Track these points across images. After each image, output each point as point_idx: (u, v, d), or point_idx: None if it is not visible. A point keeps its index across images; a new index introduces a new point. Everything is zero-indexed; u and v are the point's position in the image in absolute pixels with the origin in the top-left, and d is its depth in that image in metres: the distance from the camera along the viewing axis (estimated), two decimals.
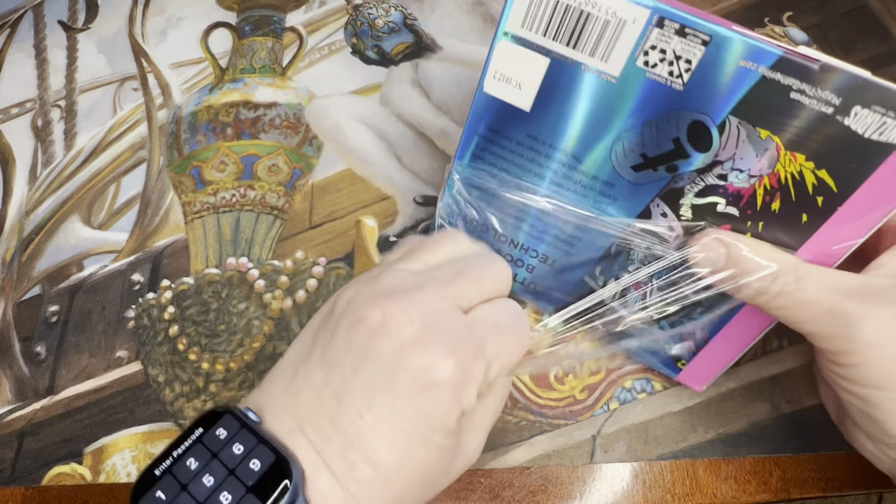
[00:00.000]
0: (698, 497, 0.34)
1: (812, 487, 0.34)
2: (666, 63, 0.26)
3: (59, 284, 0.43)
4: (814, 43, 0.46)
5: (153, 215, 0.44)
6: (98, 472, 0.37)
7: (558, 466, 0.35)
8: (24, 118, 0.49)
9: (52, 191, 0.46)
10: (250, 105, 0.47)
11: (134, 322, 0.41)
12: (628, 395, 0.37)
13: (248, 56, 0.49)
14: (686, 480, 0.35)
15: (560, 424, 0.36)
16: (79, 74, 0.50)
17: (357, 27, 0.49)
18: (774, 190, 0.27)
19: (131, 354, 0.40)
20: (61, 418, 0.39)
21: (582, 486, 0.35)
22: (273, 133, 0.45)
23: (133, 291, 0.42)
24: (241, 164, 0.45)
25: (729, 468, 0.35)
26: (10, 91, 0.50)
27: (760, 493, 0.34)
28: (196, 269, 0.42)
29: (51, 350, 0.41)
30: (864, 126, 0.24)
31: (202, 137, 0.46)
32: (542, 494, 0.35)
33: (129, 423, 0.38)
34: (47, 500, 0.37)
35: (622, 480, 0.35)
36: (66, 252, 0.44)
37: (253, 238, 0.42)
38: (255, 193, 0.44)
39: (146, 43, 0.51)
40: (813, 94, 0.24)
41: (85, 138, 0.48)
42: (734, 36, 0.25)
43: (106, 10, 0.52)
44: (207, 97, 0.47)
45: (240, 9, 0.51)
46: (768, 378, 0.36)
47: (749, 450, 0.35)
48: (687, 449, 0.35)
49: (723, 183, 0.27)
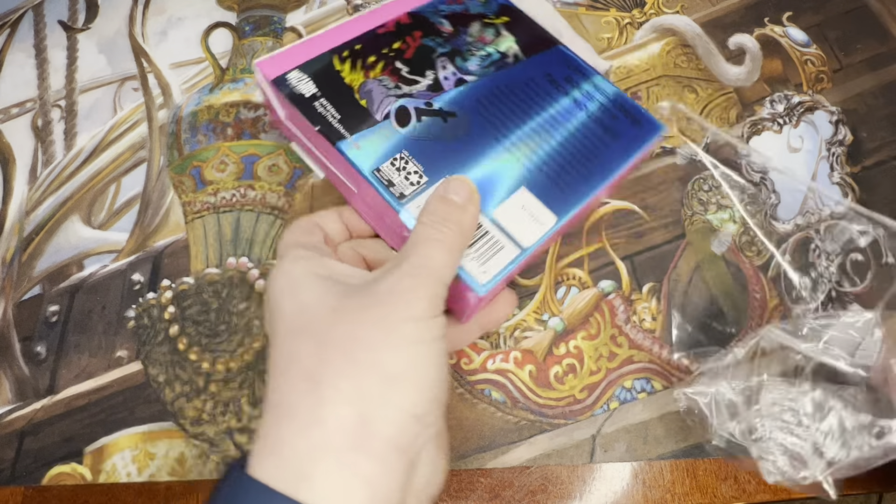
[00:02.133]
0: (698, 497, 0.34)
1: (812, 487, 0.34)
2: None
3: (59, 284, 0.43)
4: (813, 43, 0.46)
5: (153, 215, 0.44)
6: (98, 471, 0.37)
7: (558, 466, 0.35)
8: (24, 118, 0.49)
9: (53, 191, 0.46)
10: (251, 105, 0.47)
11: (134, 322, 0.41)
12: (628, 394, 0.37)
13: (248, 56, 0.49)
14: (686, 480, 0.35)
15: (560, 424, 0.36)
16: (79, 74, 0.50)
17: None
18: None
19: (131, 354, 0.40)
20: (61, 418, 0.39)
21: (582, 485, 0.35)
22: (273, 133, 0.45)
23: (133, 291, 0.42)
24: (242, 164, 0.45)
25: (729, 468, 0.35)
26: (10, 91, 0.50)
27: (760, 493, 0.34)
28: (196, 268, 0.42)
29: (51, 350, 0.41)
30: None
31: (202, 137, 0.46)
32: (542, 494, 0.35)
33: (130, 422, 0.38)
34: (47, 499, 0.37)
35: (622, 480, 0.35)
36: (67, 252, 0.44)
37: (253, 238, 0.42)
38: (255, 193, 0.44)
39: (146, 43, 0.51)
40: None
41: (85, 138, 0.48)
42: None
43: (106, 10, 0.52)
44: (208, 97, 0.47)
45: (240, 9, 0.51)
46: None
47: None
48: (687, 449, 0.35)
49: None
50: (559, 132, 0.34)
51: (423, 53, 0.36)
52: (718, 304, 0.38)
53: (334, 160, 0.33)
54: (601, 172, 0.33)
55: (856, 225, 0.39)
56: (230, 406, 0.38)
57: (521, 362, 0.38)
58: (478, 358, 0.38)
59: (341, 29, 0.36)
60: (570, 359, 0.38)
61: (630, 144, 0.34)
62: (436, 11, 0.38)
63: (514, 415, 0.37)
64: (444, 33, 0.37)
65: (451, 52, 0.36)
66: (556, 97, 0.35)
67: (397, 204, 0.31)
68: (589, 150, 0.34)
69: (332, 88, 0.34)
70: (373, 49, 0.35)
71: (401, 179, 0.31)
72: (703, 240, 0.40)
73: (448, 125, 0.34)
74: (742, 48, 0.46)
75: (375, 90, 0.34)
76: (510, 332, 0.38)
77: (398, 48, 0.36)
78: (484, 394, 0.37)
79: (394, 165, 0.32)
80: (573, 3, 0.49)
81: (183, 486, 0.36)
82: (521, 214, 0.31)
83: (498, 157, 0.33)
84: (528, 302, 0.39)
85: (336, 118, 0.33)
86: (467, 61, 0.36)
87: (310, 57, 0.34)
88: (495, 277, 0.29)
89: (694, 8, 0.48)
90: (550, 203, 0.32)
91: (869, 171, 0.42)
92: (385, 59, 0.35)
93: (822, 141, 0.43)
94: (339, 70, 0.34)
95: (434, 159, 0.32)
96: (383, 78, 0.35)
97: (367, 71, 0.35)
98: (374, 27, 0.36)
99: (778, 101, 0.44)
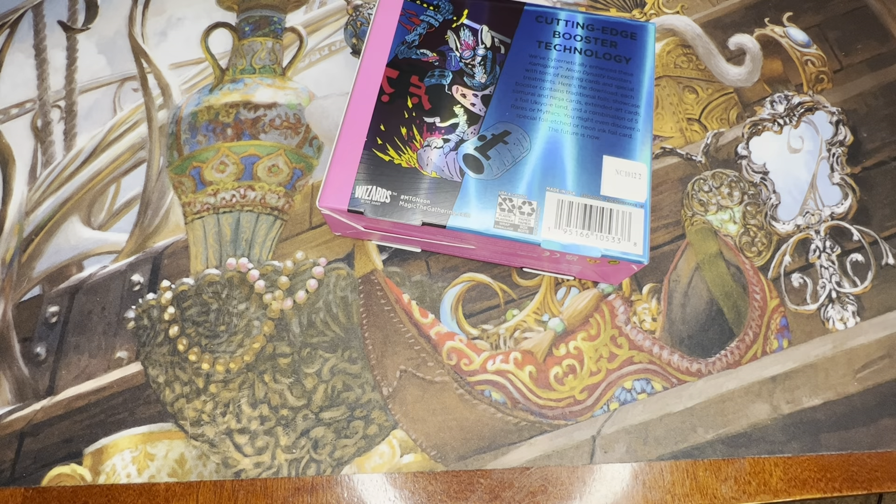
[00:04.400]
0: (698, 497, 0.34)
1: (812, 487, 0.34)
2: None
3: (59, 285, 0.43)
4: (814, 43, 0.46)
5: (153, 216, 0.44)
6: (98, 472, 0.37)
7: (558, 467, 0.35)
8: (24, 118, 0.49)
9: (52, 191, 0.46)
10: (250, 105, 0.47)
11: (134, 323, 0.41)
12: (628, 395, 0.37)
13: (248, 56, 0.49)
14: (686, 481, 0.35)
15: (560, 425, 0.36)
16: (79, 75, 0.50)
17: (357, 27, 0.49)
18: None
19: (131, 355, 0.40)
20: (61, 419, 0.39)
21: (582, 486, 0.35)
22: (273, 133, 0.45)
23: (133, 292, 0.42)
24: (242, 165, 0.45)
25: (729, 469, 0.35)
26: (10, 91, 0.50)
27: (760, 493, 0.34)
28: (196, 269, 0.42)
29: (51, 351, 0.41)
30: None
31: (202, 138, 0.46)
32: (542, 495, 0.35)
33: (129, 423, 0.38)
34: (47, 500, 0.37)
35: (622, 481, 0.35)
36: (66, 252, 0.44)
37: (253, 239, 0.42)
38: (255, 194, 0.44)
39: (146, 43, 0.51)
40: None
41: (85, 139, 0.48)
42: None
43: (106, 10, 0.52)
44: (207, 97, 0.47)
45: (240, 9, 0.51)
46: (768, 378, 0.36)
47: (749, 450, 0.35)
48: (687, 449, 0.35)
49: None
50: (586, 88, 0.36)
51: (437, 94, 0.36)
52: (718, 304, 0.38)
53: (446, 237, 0.34)
54: (638, 97, 0.36)
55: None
56: (230, 407, 0.38)
57: (521, 363, 0.38)
58: (478, 359, 0.38)
59: (351, 123, 0.35)
60: (570, 360, 0.38)
61: (639, 57, 0.37)
62: (409, 46, 0.38)
63: (514, 416, 0.37)
64: (434, 62, 0.37)
65: (455, 75, 0.37)
66: (559, 57, 0.37)
67: (534, 238, 0.32)
68: (615, 85, 0.36)
69: (400, 181, 0.34)
70: (395, 121, 0.35)
71: (519, 217, 0.33)
72: (704, 240, 0.40)
73: (510, 144, 0.35)
74: (742, 48, 0.46)
75: (433, 157, 0.35)
76: (510, 333, 0.38)
77: (414, 105, 0.36)
78: (484, 395, 0.37)
79: (503, 209, 0.33)
80: (573, 3, 0.49)
81: (183, 487, 0.37)
82: (620, 179, 0.34)
83: (563, 142, 0.35)
84: (528, 303, 0.39)
85: (427, 203, 0.33)
86: (475, 76, 0.37)
87: (354, 168, 0.34)
88: (644, 241, 0.32)
89: (694, 8, 0.48)
90: (628, 154, 0.34)
91: (869, 172, 0.42)
92: (414, 124, 0.35)
93: (822, 141, 0.43)
94: (391, 159, 0.34)
95: (527, 181, 0.34)
96: (429, 141, 0.35)
97: (410, 144, 0.35)
98: (374, 100, 0.36)
99: (778, 101, 0.44)
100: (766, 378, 0.36)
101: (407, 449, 0.36)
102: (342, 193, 0.33)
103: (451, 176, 0.34)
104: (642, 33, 0.38)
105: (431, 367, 0.38)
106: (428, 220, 0.33)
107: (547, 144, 0.35)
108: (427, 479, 0.35)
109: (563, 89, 0.36)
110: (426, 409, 0.37)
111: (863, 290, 0.38)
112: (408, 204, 0.33)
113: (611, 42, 0.37)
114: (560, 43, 0.38)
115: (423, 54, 0.37)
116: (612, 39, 0.38)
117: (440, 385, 0.37)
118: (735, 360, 0.37)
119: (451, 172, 0.34)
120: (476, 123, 0.35)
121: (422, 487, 0.35)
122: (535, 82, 0.37)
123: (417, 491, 0.35)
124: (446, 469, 0.36)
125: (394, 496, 0.35)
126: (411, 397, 0.37)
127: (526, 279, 0.40)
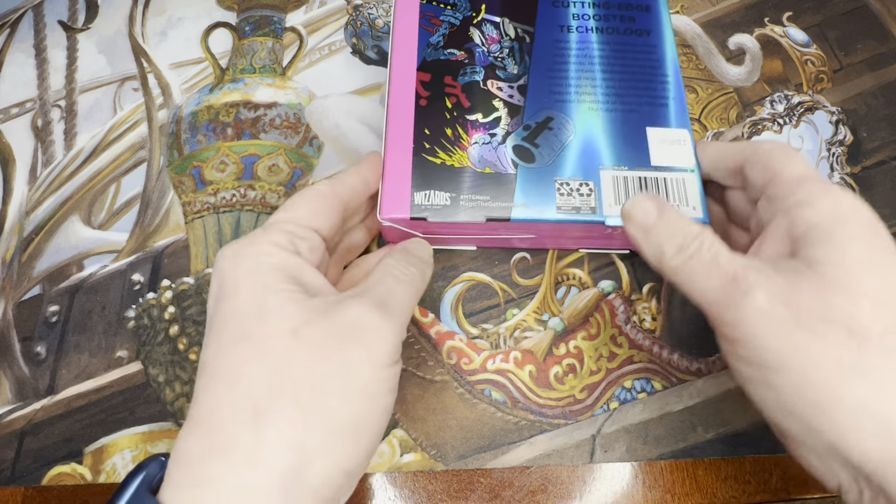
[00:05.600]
0: (698, 497, 0.34)
1: (812, 487, 0.34)
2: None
3: (59, 284, 0.43)
4: (814, 42, 0.46)
5: (153, 215, 0.44)
6: (98, 472, 0.37)
7: (558, 466, 0.35)
8: (24, 118, 0.49)
9: (52, 191, 0.46)
10: (250, 105, 0.47)
11: (134, 322, 0.41)
12: (628, 394, 0.37)
13: (248, 56, 0.49)
14: (686, 480, 0.35)
15: (560, 424, 0.36)
16: (79, 74, 0.50)
17: (357, 27, 0.49)
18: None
19: (131, 354, 0.40)
20: (61, 418, 0.39)
21: (582, 485, 0.35)
22: (273, 133, 0.45)
23: (133, 291, 0.42)
24: (242, 165, 0.45)
25: (729, 468, 0.35)
26: (10, 91, 0.50)
27: (760, 493, 0.34)
28: (196, 269, 0.42)
29: (51, 350, 0.41)
30: None
31: (202, 137, 0.46)
32: (542, 494, 0.35)
33: (130, 423, 0.38)
34: (47, 500, 0.37)
35: (622, 480, 0.35)
36: (66, 252, 0.44)
37: None
38: (255, 193, 0.44)
39: (146, 43, 0.51)
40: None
41: (85, 138, 0.48)
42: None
43: (106, 10, 0.52)
44: (207, 97, 0.47)
45: (240, 9, 0.51)
46: None
47: (749, 450, 0.35)
48: (687, 449, 0.35)
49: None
50: (615, 65, 0.37)
51: (473, 91, 0.36)
52: None
53: (509, 230, 0.34)
54: (665, 67, 0.37)
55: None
56: None
57: (520, 362, 0.38)
58: (478, 358, 0.38)
59: (395, 132, 0.35)
60: (570, 359, 0.38)
61: (657, 28, 0.38)
62: (435, 47, 0.38)
63: (513, 415, 0.37)
64: (463, 60, 0.37)
65: (487, 70, 0.37)
66: (582, 38, 0.38)
67: (598, 218, 0.33)
68: (642, 58, 0.37)
69: (455, 182, 0.34)
70: (438, 124, 0.35)
71: (579, 200, 0.33)
72: None
73: (555, 129, 0.35)
74: (742, 48, 0.46)
75: (483, 153, 0.35)
76: (510, 333, 0.38)
77: (454, 105, 0.36)
78: (484, 394, 0.37)
79: (562, 194, 0.34)
80: None
81: None
82: (666, 148, 0.35)
83: (604, 120, 0.35)
84: (528, 302, 0.39)
85: (486, 199, 0.33)
86: (506, 68, 0.37)
87: (408, 176, 0.34)
88: (702, 204, 0.33)
89: (694, 8, 0.48)
90: (667, 122, 0.35)
91: (869, 172, 0.42)
92: (458, 123, 0.36)
93: (822, 141, 0.43)
94: (442, 161, 0.34)
95: (578, 163, 0.34)
96: (476, 138, 0.35)
97: (458, 144, 0.35)
98: (413, 106, 0.36)
99: (778, 101, 0.44)
100: None
101: (407, 448, 0.36)
102: (402, 203, 0.33)
103: (504, 169, 0.34)
104: (655, 5, 0.39)
105: (431, 367, 0.38)
106: (492, 216, 0.33)
107: (589, 124, 0.35)
108: (427, 479, 0.35)
109: (593, 69, 0.37)
110: (426, 408, 0.37)
111: None
112: (468, 203, 0.33)
113: (628, 17, 0.39)
114: (580, 24, 0.39)
115: (451, 53, 0.37)
116: (629, 14, 0.39)
117: (440, 384, 0.37)
118: None
119: (503, 166, 0.34)
120: (518, 114, 0.36)
121: (422, 486, 0.35)
122: (565, 66, 0.37)
123: (417, 490, 0.35)
124: (446, 468, 0.36)
125: (393, 495, 0.35)
126: (411, 396, 0.37)
127: (526, 278, 0.40)
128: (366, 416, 0.25)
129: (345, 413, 0.24)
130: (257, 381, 0.24)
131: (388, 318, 0.26)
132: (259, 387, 0.24)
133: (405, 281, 0.28)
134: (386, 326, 0.25)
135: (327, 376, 0.24)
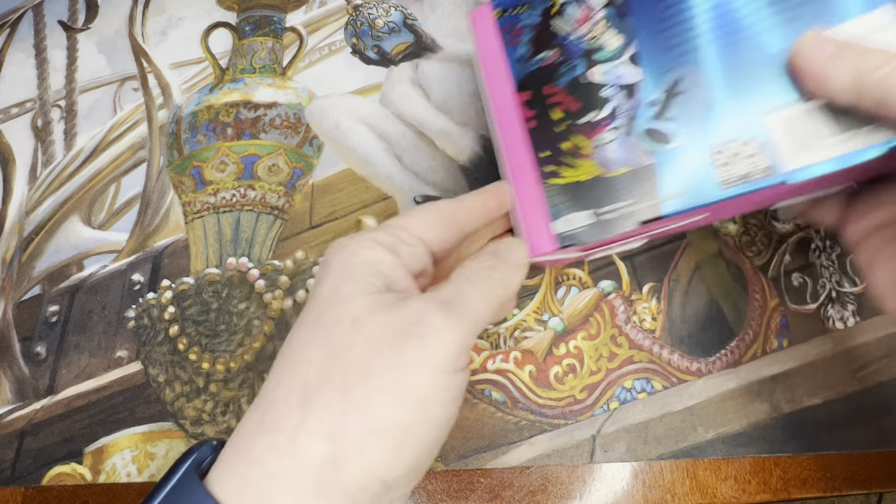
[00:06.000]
0: (698, 497, 0.34)
1: (812, 487, 0.34)
2: None
3: (59, 284, 0.43)
4: None
5: (153, 215, 0.44)
6: (98, 471, 0.37)
7: (558, 466, 0.35)
8: (24, 118, 0.49)
9: (52, 191, 0.46)
10: (250, 105, 0.47)
11: (134, 322, 0.41)
12: (628, 394, 0.37)
13: (248, 56, 0.49)
14: (686, 480, 0.35)
15: (560, 424, 0.36)
16: (79, 74, 0.50)
17: (357, 27, 0.49)
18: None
19: (131, 354, 0.40)
20: (61, 418, 0.39)
21: (582, 485, 0.35)
22: (273, 133, 0.45)
23: (133, 291, 0.42)
24: (242, 164, 0.45)
25: (729, 468, 0.35)
26: (10, 91, 0.50)
27: (760, 493, 0.34)
28: (196, 268, 0.42)
29: (51, 350, 0.41)
30: None
31: (202, 137, 0.46)
32: (542, 494, 0.35)
33: (130, 422, 0.38)
34: (47, 499, 0.37)
35: (622, 480, 0.35)
36: (67, 252, 0.44)
37: (253, 238, 0.42)
38: (255, 193, 0.44)
39: (146, 43, 0.51)
40: None
41: (85, 138, 0.48)
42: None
43: (106, 10, 0.52)
44: (208, 97, 0.47)
45: (240, 9, 0.51)
46: (768, 378, 0.36)
47: (749, 450, 0.35)
48: (687, 449, 0.35)
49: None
50: (720, 15, 0.29)
51: (577, 88, 0.31)
52: (718, 303, 0.38)
53: (670, 222, 0.30)
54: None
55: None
56: (230, 406, 0.38)
57: (521, 362, 0.38)
58: (478, 358, 0.38)
59: (515, 166, 0.32)
60: (570, 359, 0.38)
61: None
62: (524, 61, 0.32)
63: (514, 415, 0.37)
64: (558, 60, 0.32)
65: (584, 58, 0.31)
66: None
67: (778, 178, 0.27)
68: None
69: (592, 196, 0.30)
70: (553, 141, 0.31)
71: (746, 164, 0.28)
72: (703, 240, 0.40)
73: (687, 91, 0.29)
74: None
75: (615, 153, 0.30)
76: (510, 333, 0.38)
77: (563, 114, 0.31)
78: (484, 394, 0.37)
79: (722, 164, 0.28)
80: None
81: None
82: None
83: (747, 51, 0.28)
84: (528, 302, 0.39)
85: (630, 203, 0.29)
86: (604, 48, 0.31)
87: (543, 208, 0.31)
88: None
89: None
90: (842, 13, 0.27)
91: None
92: (572, 132, 0.31)
93: None
94: (571, 179, 0.30)
95: (731, 120, 0.28)
96: (595, 141, 0.30)
97: (579, 155, 0.30)
98: (522, 133, 0.32)
99: None
100: (766, 377, 0.36)
101: None
102: (545, 237, 0.30)
103: (640, 162, 0.29)
104: None
105: None
106: (643, 218, 0.29)
107: (730, 65, 0.28)
108: (427, 479, 0.35)
109: (715, 29, 0.29)
110: None
111: (862, 289, 0.38)
112: (612, 214, 0.29)
113: None
114: None
115: (542, 59, 0.32)
116: None
117: None
118: (735, 360, 0.37)
119: (638, 159, 0.29)
120: (635, 93, 0.30)
121: (422, 486, 0.35)
122: (675, 5, 0.30)
123: (417, 490, 0.35)
124: (446, 468, 0.36)
125: None
126: None
127: (526, 278, 0.40)
128: (413, 423, 0.23)
129: (388, 413, 0.22)
130: (314, 366, 0.23)
131: (453, 319, 0.24)
132: (314, 371, 0.23)
133: (478, 283, 0.26)
134: (449, 328, 0.24)
135: (378, 371, 0.23)
